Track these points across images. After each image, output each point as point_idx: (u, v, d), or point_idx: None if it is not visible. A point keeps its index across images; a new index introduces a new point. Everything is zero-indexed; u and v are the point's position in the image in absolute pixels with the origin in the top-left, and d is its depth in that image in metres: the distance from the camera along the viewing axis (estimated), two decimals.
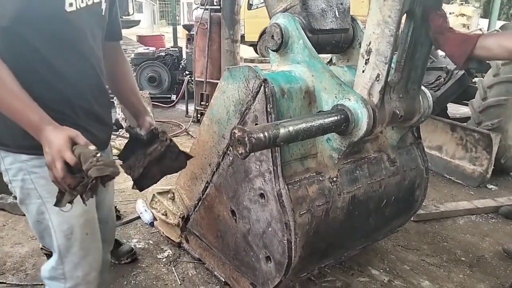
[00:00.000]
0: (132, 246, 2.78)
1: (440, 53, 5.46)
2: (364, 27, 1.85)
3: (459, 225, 3.24)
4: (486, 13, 20.04)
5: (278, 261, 1.93)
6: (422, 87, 2.05)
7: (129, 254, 2.69)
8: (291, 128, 1.58)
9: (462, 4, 23.05)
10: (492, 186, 3.98)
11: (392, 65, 1.93)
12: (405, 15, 1.77)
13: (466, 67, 1.89)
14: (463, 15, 20.25)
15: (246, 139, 1.45)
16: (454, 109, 5.81)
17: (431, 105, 2.05)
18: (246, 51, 13.32)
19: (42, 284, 2.34)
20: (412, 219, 3.21)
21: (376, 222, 2.31)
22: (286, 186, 1.83)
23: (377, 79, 1.76)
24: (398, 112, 1.89)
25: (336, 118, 1.75)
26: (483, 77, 4.20)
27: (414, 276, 2.58)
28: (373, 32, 1.73)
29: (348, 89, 1.82)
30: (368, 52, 1.77)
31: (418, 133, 2.45)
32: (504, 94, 3.84)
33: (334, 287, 2.46)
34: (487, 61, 3.91)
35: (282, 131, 1.55)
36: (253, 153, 1.90)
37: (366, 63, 1.79)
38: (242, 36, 10.63)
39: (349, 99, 1.78)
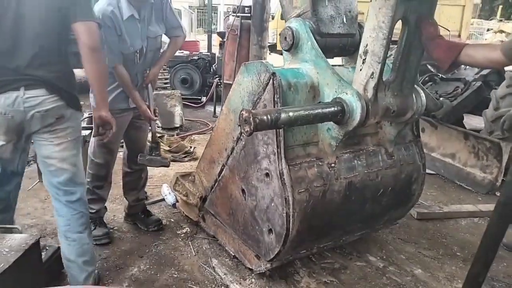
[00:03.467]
0: (160, 218, 3.21)
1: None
2: None
3: (460, 226, 3.40)
4: None
5: (278, 233, 2.21)
6: (418, 87, 2.28)
7: (157, 223, 3.13)
8: (291, 114, 1.87)
9: (501, 20, 22.62)
10: None
11: (390, 65, 2.20)
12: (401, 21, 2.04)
13: (450, 71, 2.13)
14: (502, 31, 19.89)
15: (251, 119, 1.75)
16: (473, 120, 5.89)
17: (424, 104, 2.28)
18: (278, 60, 13.67)
19: None
20: (415, 216, 3.41)
21: (373, 210, 2.54)
22: (287, 166, 2.11)
23: (372, 76, 2.02)
24: (391, 107, 2.14)
25: (333, 108, 2.02)
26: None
27: (408, 264, 2.78)
28: (369, 36, 2.00)
29: (346, 85, 2.09)
30: (365, 52, 2.03)
31: (418, 132, 2.67)
32: None
33: (332, 268, 2.70)
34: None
35: (283, 115, 1.84)
36: (261, 138, 2.22)
37: (363, 63, 2.05)
38: (275, 45, 10.83)
39: (346, 93, 2.05)
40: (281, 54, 2.52)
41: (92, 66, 2.03)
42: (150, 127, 2.92)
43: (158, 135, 5.20)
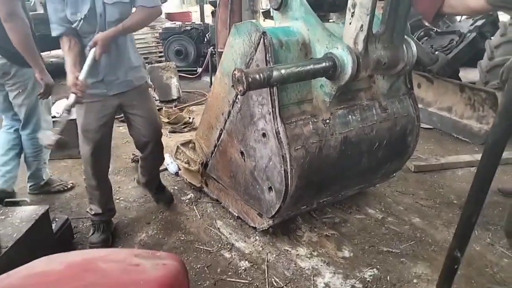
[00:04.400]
0: (172, 194, 3.18)
1: (457, 17, 5.54)
2: None
3: (457, 176, 3.48)
4: None
5: (277, 190, 2.28)
6: (408, 38, 2.29)
7: (168, 201, 3.10)
8: (283, 71, 1.90)
9: None
10: None
11: (379, 17, 2.20)
12: None
13: (436, 23, 2.14)
14: None
15: (244, 78, 1.78)
16: (469, 74, 5.88)
17: (415, 54, 2.28)
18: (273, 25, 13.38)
19: (85, 218, 2.81)
20: (412, 169, 3.49)
21: (369, 163, 2.60)
22: (283, 125, 2.15)
23: (361, 29, 2.02)
24: (382, 60, 2.15)
25: (325, 64, 2.04)
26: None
27: (406, 214, 2.88)
28: None
29: (336, 39, 2.10)
30: (353, 5, 2.03)
31: (411, 84, 2.69)
32: (511, 54, 3.95)
33: (333, 222, 2.79)
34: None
35: (275, 73, 1.87)
36: (256, 99, 2.25)
37: (352, 16, 2.05)
38: (269, 11, 10.60)
39: (337, 48, 2.06)
40: None
41: (10, 35, 2.46)
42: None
43: (157, 107, 5.27)
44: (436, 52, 4.61)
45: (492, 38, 4.33)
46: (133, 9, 2.36)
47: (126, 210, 3.04)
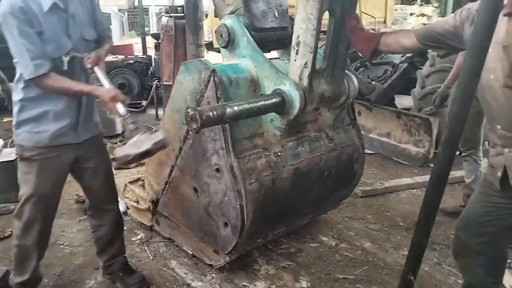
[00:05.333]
0: (143, 275, 2.58)
1: None
2: None
3: (401, 198, 3.68)
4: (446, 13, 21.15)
5: (233, 225, 2.27)
6: (349, 73, 2.43)
7: (140, 284, 2.49)
8: (236, 108, 1.93)
9: (422, 5, 24.19)
10: None
11: (322, 54, 2.32)
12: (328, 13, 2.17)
13: (374, 59, 2.31)
14: (423, 15, 21.28)
15: (198, 116, 1.79)
16: (403, 100, 6.32)
17: (356, 88, 2.43)
18: (215, 58, 13.63)
19: None
20: (359, 195, 3.63)
21: (320, 192, 2.68)
22: (237, 160, 2.17)
23: (306, 66, 2.13)
24: (325, 93, 2.27)
25: (274, 100, 2.11)
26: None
27: (358, 239, 2.97)
28: (300, 27, 2.10)
29: (284, 76, 2.18)
30: (297, 44, 2.14)
31: (354, 115, 2.84)
32: (440, 82, 4.27)
33: (288, 253, 2.81)
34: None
35: (229, 110, 1.90)
36: (208, 135, 2.26)
37: (296, 53, 2.16)
38: (211, 43, 10.77)
39: (285, 84, 2.15)
40: (219, 51, 2.56)
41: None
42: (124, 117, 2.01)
43: None
44: (373, 82, 4.93)
45: (422, 68, 4.70)
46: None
47: (72, 255, 2.86)
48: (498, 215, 1.72)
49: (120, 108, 1.98)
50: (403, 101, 6.26)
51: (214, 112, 1.84)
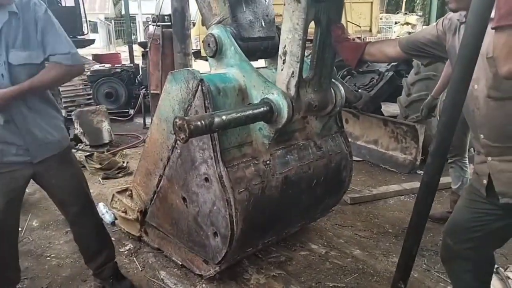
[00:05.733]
0: (133, 282, 2.61)
1: None
2: None
3: (389, 205, 3.70)
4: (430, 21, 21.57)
5: (223, 235, 2.26)
6: (336, 82, 2.46)
7: None
8: (224, 117, 1.93)
9: (406, 13, 24.63)
10: (421, 172, 4.48)
11: (309, 63, 2.34)
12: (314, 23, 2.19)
13: (359, 68, 2.35)
14: (408, 23, 21.67)
15: (186, 126, 1.79)
16: (390, 107, 6.40)
17: (343, 96, 2.45)
18: (203, 66, 13.68)
19: None
20: (348, 202, 3.65)
21: (309, 200, 2.69)
22: (226, 169, 2.17)
23: (293, 75, 2.15)
24: (312, 102, 2.29)
25: (262, 109, 2.12)
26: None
27: (347, 247, 2.98)
28: (286, 37, 2.13)
29: (271, 85, 2.20)
30: (284, 53, 2.16)
31: (341, 123, 2.86)
32: (425, 90, 4.37)
33: (278, 261, 2.81)
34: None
35: (217, 119, 1.90)
36: (196, 144, 2.25)
37: (283, 63, 2.18)
38: (199, 52, 10.78)
39: (273, 93, 2.16)
40: (206, 60, 2.57)
41: None
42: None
43: (87, 153, 5.02)
44: (359, 90, 4.98)
45: (407, 76, 4.77)
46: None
47: (59, 268, 2.81)
48: (485, 221, 1.74)
49: None
50: (390, 109, 6.34)
51: (202, 122, 1.84)
